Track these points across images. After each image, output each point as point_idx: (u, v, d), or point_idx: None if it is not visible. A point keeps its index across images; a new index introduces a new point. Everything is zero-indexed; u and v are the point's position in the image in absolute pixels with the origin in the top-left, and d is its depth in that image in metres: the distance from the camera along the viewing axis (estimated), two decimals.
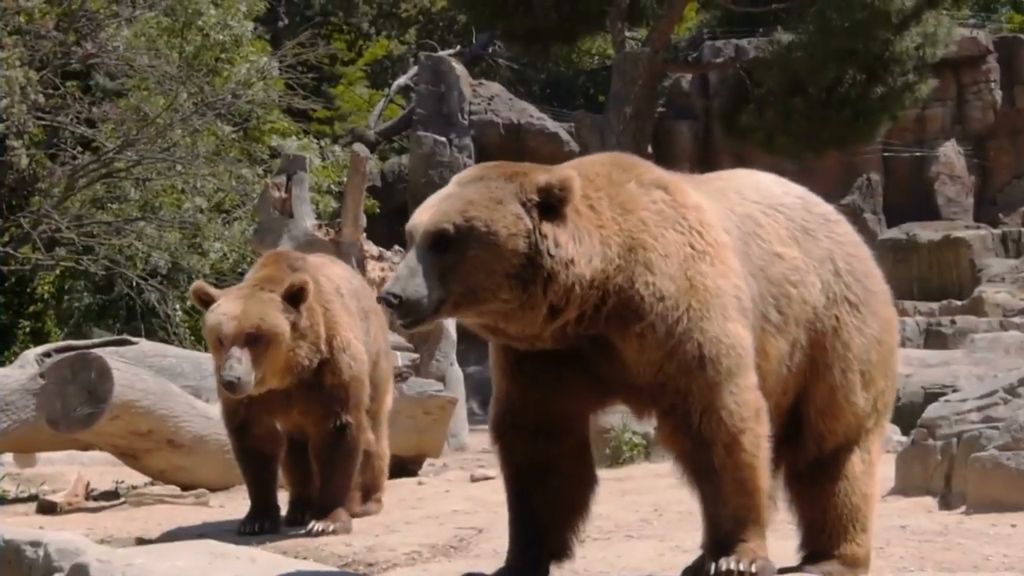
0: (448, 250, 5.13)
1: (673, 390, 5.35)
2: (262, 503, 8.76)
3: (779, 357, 5.70)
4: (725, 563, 5.35)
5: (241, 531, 8.48)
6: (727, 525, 5.45)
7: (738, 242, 5.70)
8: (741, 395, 5.40)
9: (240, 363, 7.94)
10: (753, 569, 5.34)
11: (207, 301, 8.27)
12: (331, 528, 8.20)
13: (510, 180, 5.32)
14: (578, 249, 5.19)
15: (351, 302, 8.99)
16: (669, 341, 5.31)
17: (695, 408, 5.34)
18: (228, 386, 8.01)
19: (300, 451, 8.94)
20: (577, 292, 5.20)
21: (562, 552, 5.69)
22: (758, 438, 5.44)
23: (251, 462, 8.87)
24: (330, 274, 9.01)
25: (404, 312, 5.08)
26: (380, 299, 5.13)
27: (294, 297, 8.22)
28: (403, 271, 5.14)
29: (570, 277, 5.17)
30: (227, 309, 8.19)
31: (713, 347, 5.35)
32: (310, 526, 8.26)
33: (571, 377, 5.45)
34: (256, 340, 8.02)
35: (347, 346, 8.55)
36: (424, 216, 5.22)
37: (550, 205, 5.20)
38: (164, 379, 11.54)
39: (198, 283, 8.58)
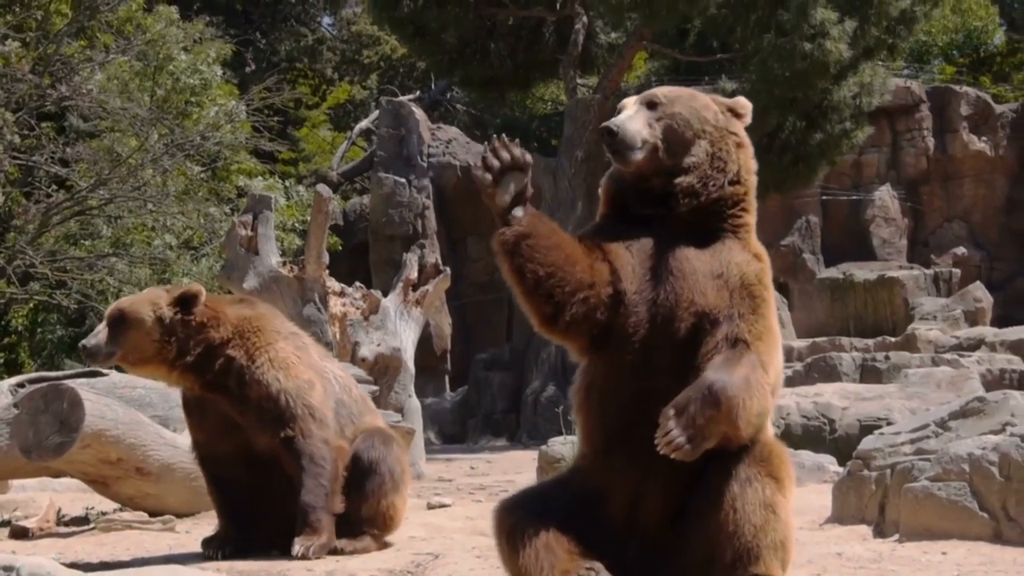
0: (655, 109, 5.74)
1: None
2: (229, 528, 8.67)
3: None
4: None
5: (206, 554, 8.40)
6: None
7: None
8: None
9: (97, 336, 8.44)
10: None
11: None
12: (311, 549, 8.07)
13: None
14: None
15: (312, 350, 8.97)
16: None
17: None
18: (82, 349, 8.51)
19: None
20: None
21: None
22: None
23: (215, 487, 8.78)
24: (293, 327, 9.09)
25: (618, 143, 5.60)
26: (600, 130, 5.68)
27: (184, 300, 8.51)
28: (622, 117, 5.69)
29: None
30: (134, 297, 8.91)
31: None
32: (294, 548, 8.14)
33: None
34: (118, 322, 8.46)
35: (275, 360, 8.48)
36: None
37: (737, 115, 5.89)
38: (133, 409, 11.47)
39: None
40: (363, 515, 8.55)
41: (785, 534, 5.51)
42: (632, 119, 5.65)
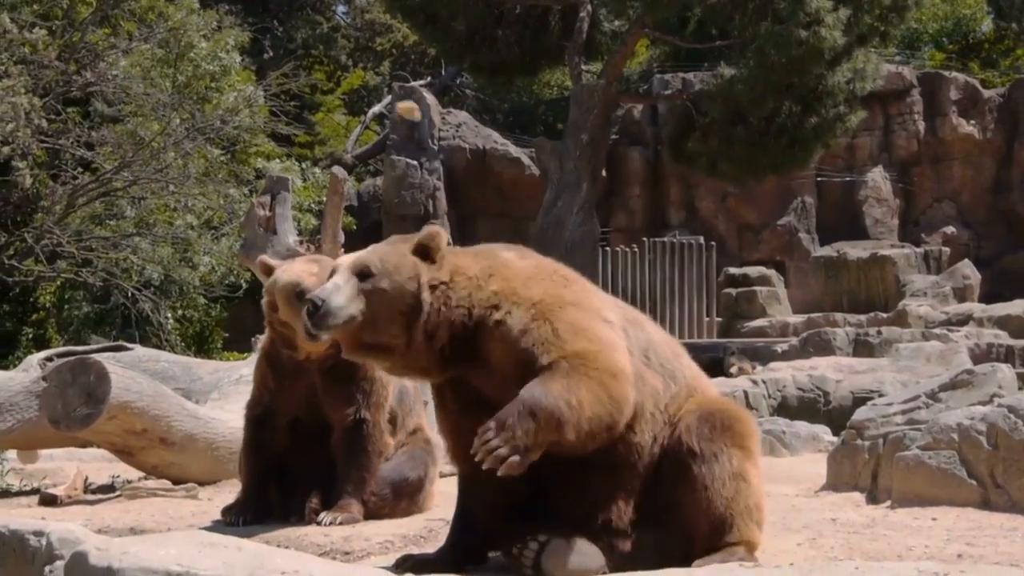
0: (366, 281, 5.79)
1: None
2: (250, 496, 8.59)
3: None
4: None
5: (226, 520, 8.36)
6: None
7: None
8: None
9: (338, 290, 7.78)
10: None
11: (271, 270, 8.11)
12: (338, 520, 8.04)
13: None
14: None
15: None
16: None
17: None
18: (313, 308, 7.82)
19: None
20: None
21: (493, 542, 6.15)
22: None
23: (254, 452, 8.66)
24: None
25: (319, 318, 5.66)
26: (305, 300, 5.79)
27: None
28: (328, 287, 5.70)
29: None
30: (306, 268, 8.05)
31: None
32: (320, 517, 8.10)
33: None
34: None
35: None
36: None
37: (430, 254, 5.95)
38: (157, 382, 11.47)
39: (262, 256, 8.53)
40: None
41: (756, 498, 5.62)
42: (339, 290, 5.68)
